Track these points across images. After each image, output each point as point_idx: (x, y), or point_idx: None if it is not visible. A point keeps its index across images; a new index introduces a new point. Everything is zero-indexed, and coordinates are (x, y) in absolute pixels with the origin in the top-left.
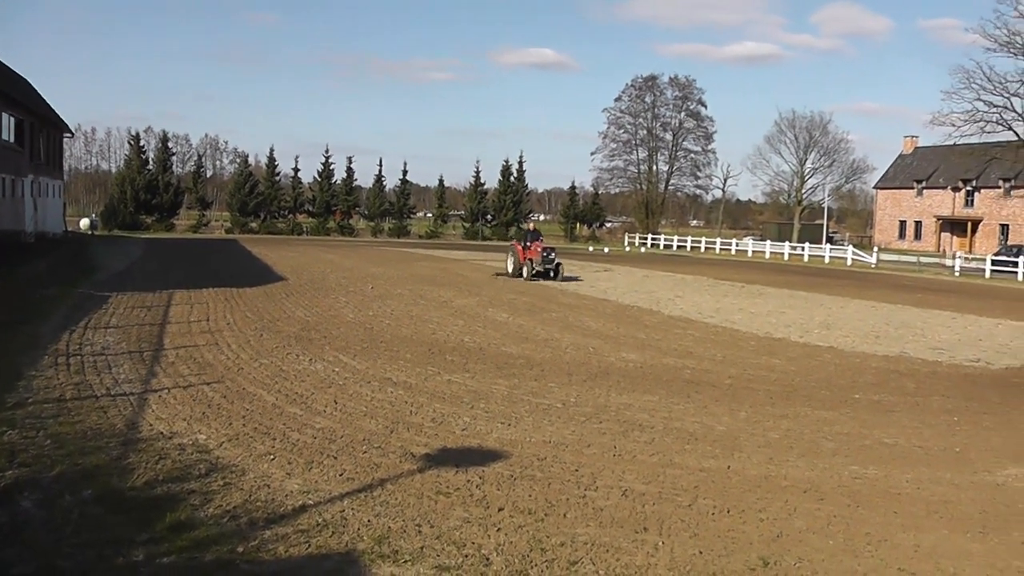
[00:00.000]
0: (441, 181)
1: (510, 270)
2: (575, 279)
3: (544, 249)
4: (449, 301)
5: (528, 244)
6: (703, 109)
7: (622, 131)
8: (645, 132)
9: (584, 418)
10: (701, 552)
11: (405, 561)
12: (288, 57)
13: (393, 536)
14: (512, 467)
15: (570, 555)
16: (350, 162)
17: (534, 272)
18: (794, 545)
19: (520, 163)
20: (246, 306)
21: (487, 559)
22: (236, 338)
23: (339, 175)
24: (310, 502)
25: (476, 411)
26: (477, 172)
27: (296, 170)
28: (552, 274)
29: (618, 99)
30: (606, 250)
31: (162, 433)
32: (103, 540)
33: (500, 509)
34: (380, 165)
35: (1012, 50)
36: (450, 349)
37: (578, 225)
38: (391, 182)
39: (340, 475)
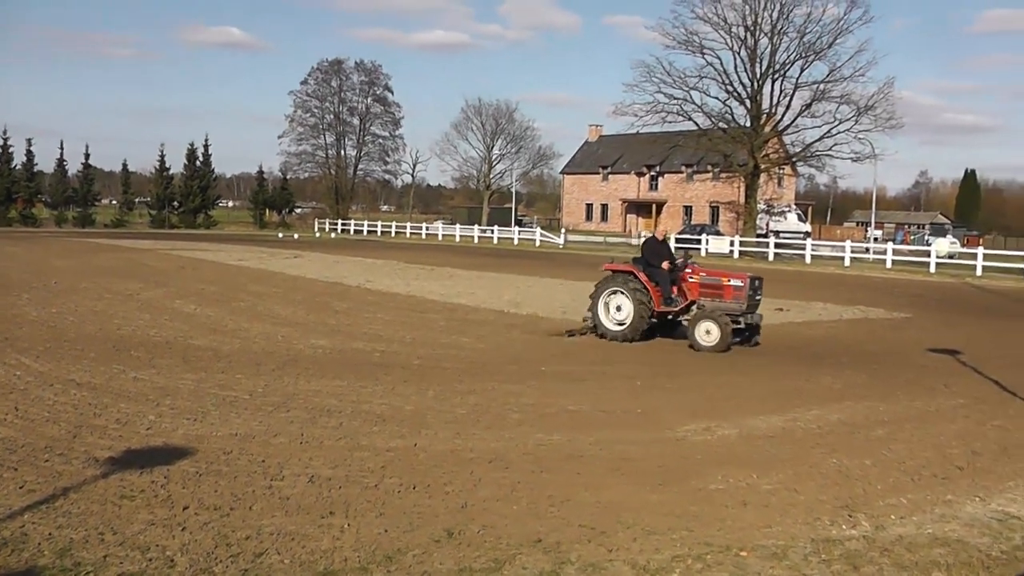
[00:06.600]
0: (125, 165)
1: (618, 323)
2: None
3: (751, 279)
4: (136, 294)
5: (674, 270)
6: (390, 95)
7: (309, 115)
8: (332, 116)
9: (272, 408)
10: (387, 530)
11: (87, 573)
12: None
13: (75, 547)
14: (198, 463)
15: (256, 547)
16: (30, 144)
17: (733, 329)
18: (479, 514)
19: (206, 146)
20: None
21: (171, 560)
22: None
23: (19, 159)
24: None
25: (162, 408)
26: (162, 156)
27: None
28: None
29: (304, 82)
30: (296, 236)
31: None
32: None
33: (185, 508)
34: (61, 148)
35: (690, 48)
36: (136, 344)
37: (267, 211)
38: (74, 167)
39: (21, 487)
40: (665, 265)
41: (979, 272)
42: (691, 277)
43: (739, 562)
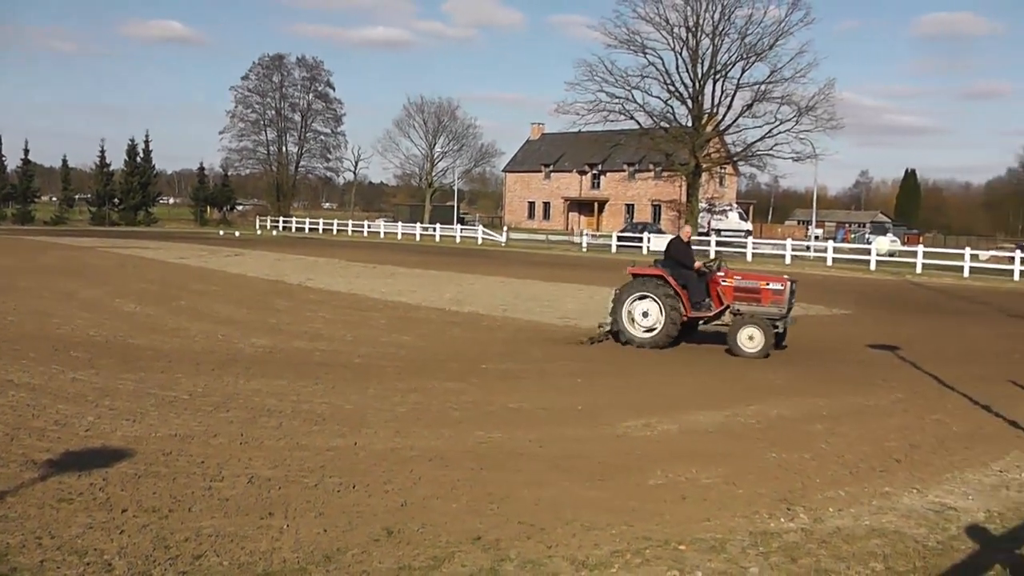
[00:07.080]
0: (65, 161)
1: (646, 331)
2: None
3: (790, 283)
4: (75, 293)
5: (704, 274)
6: (331, 91)
7: (250, 111)
8: (274, 112)
9: (212, 408)
10: (326, 530)
11: None
12: None
13: (12, 553)
14: (137, 465)
15: (194, 549)
16: None
17: (775, 333)
18: (418, 512)
19: (147, 142)
20: None
21: (109, 564)
22: None
23: None
24: None
25: (101, 409)
26: (102, 152)
27: None
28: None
29: (245, 78)
30: (237, 234)
31: None
32: None
33: (124, 510)
34: (0, 143)
35: (632, 47)
36: (75, 344)
37: (208, 208)
38: (12, 162)
39: None
40: (697, 266)
41: (919, 270)
42: (724, 281)
43: (678, 556)
